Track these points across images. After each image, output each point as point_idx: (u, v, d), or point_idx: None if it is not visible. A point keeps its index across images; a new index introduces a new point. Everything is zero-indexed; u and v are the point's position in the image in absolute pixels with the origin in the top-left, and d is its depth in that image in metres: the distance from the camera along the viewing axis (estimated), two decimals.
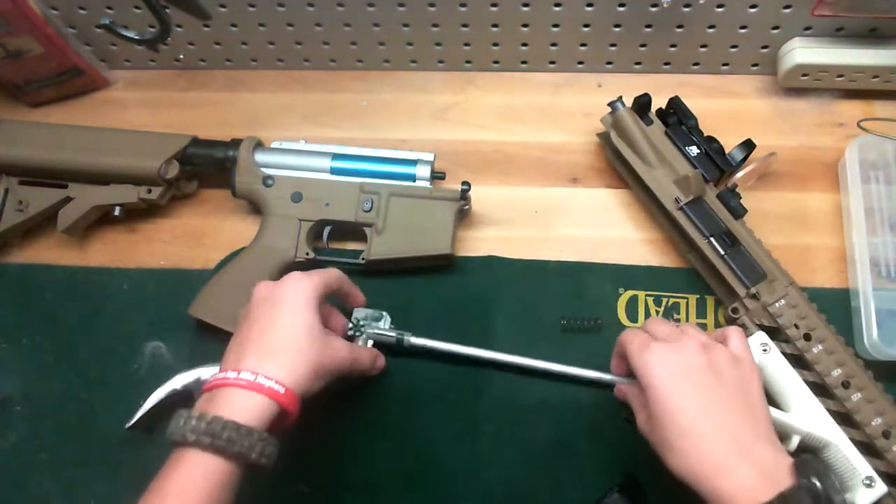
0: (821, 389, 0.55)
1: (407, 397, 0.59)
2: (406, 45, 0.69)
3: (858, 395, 0.54)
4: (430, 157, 0.63)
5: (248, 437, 0.42)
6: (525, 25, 0.66)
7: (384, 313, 0.60)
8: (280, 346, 0.47)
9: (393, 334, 0.58)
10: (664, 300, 0.62)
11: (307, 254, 0.62)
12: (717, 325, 0.61)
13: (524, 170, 0.68)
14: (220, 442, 0.41)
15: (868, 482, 0.51)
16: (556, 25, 0.66)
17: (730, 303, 0.58)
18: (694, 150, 0.61)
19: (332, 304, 0.58)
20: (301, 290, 0.50)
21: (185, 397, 0.56)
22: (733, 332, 0.49)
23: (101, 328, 0.63)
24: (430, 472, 0.57)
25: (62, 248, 0.66)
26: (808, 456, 0.43)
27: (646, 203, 0.64)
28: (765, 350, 0.55)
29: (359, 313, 0.59)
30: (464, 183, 0.62)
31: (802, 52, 0.64)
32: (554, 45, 0.68)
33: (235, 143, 0.64)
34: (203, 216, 0.67)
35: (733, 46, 0.67)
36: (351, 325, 0.58)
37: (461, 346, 0.58)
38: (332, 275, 0.53)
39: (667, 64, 0.70)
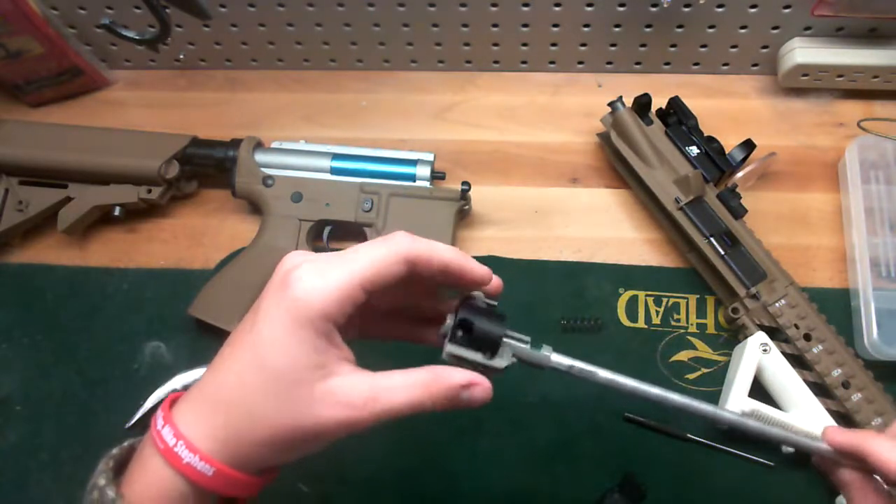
0: (821, 389, 0.55)
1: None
2: (406, 45, 0.69)
3: (858, 395, 0.54)
4: (430, 157, 0.63)
5: None
6: (525, 25, 0.66)
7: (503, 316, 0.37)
8: (228, 394, 0.32)
9: (528, 350, 0.36)
10: (664, 300, 0.62)
11: None
12: (717, 325, 0.61)
13: (524, 170, 0.68)
14: None
15: None
16: (556, 25, 0.66)
17: (730, 303, 0.58)
18: (694, 150, 0.61)
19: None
20: (308, 298, 0.31)
21: None
22: None
23: (101, 328, 0.63)
24: (430, 471, 0.57)
25: (62, 248, 0.66)
26: None
27: (646, 203, 0.64)
28: (765, 350, 0.55)
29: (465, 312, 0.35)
30: (464, 183, 0.62)
31: (802, 52, 0.64)
32: (554, 45, 0.68)
33: (235, 143, 0.64)
34: (203, 216, 0.67)
35: (733, 46, 0.67)
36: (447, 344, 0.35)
37: (630, 380, 0.38)
38: (362, 281, 0.32)
39: (667, 64, 0.70)
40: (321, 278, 0.32)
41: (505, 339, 0.35)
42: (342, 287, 0.32)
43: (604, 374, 0.37)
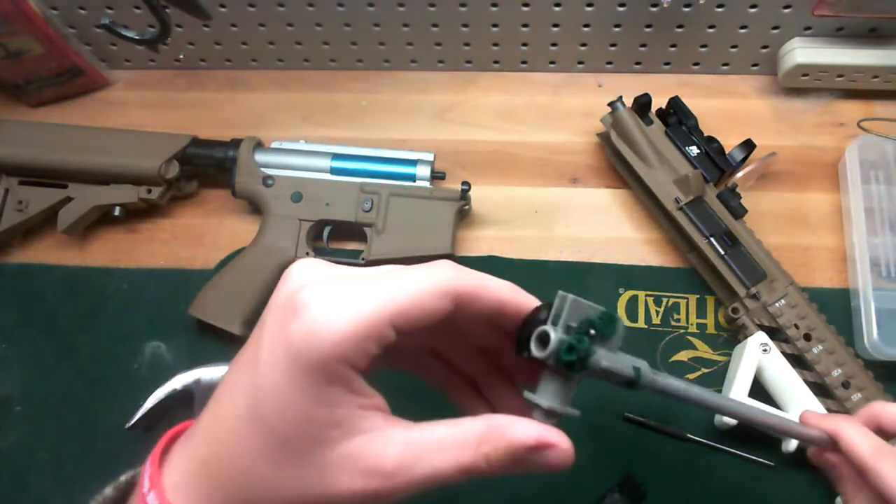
0: (821, 389, 0.55)
1: (406, 397, 0.59)
2: (406, 45, 0.69)
3: (858, 395, 0.54)
4: (430, 157, 0.63)
5: None
6: (525, 25, 0.66)
7: (614, 316, 0.28)
8: (222, 452, 0.26)
9: (628, 367, 0.29)
10: (664, 300, 0.62)
11: (307, 254, 0.62)
12: (717, 325, 0.61)
13: (524, 170, 0.68)
14: None
15: None
16: (556, 25, 0.66)
17: (730, 303, 0.58)
18: (694, 150, 0.61)
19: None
20: (318, 336, 0.24)
21: (185, 397, 0.56)
22: None
23: (101, 328, 0.63)
24: None
25: (62, 248, 0.66)
26: None
27: (646, 203, 0.64)
28: (765, 350, 0.55)
29: (570, 310, 0.27)
30: (464, 183, 0.62)
31: (802, 52, 0.64)
32: (554, 45, 0.68)
33: (235, 143, 0.64)
34: (203, 216, 0.67)
35: (733, 46, 0.67)
36: (562, 347, 0.26)
37: (730, 400, 0.34)
38: (428, 290, 0.26)
39: (667, 64, 0.70)
40: (337, 308, 0.24)
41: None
42: (365, 322, 0.24)
43: (701, 393, 0.31)
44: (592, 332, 0.26)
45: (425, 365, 0.33)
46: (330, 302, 0.24)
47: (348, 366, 0.24)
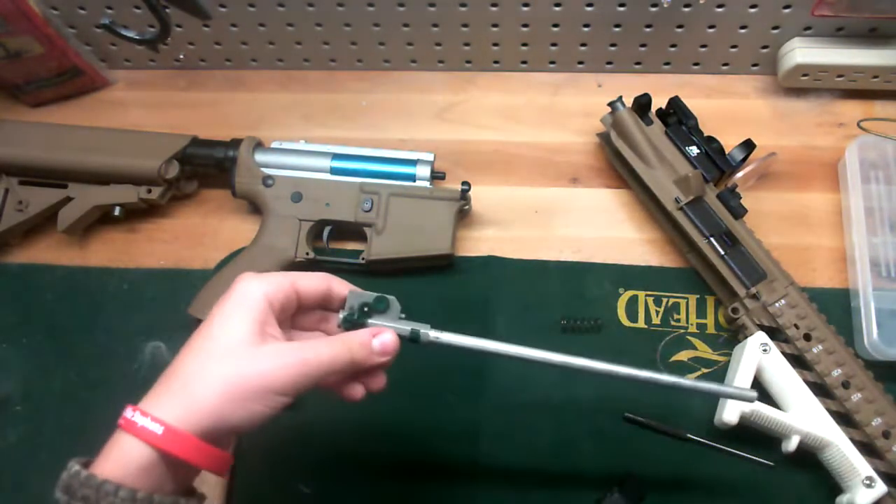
0: (821, 389, 0.55)
1: (407, 397, 0.59)
2: (406, 45, 0.69)
3: (858, 395, 0.54)
4: (430, 157, 0.63)
5: (107, 500, 0.34)
6: (525, 25, 0.66)
7: (390, 298, 0.44)
8: (182, 368, 0.38)
9: (406, 328, 0.43)
10: (664, 300, 0.62)
11: (307, 254, 0.62)
12: (717, 325, 0.61)
13: (524, 170, 0.68)
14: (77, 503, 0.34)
15: (868, 482, 0.51)
16: (556, 25, 0.66)
17: (730, 303, 0.58)
18: (694, 150, 0.61)
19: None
20: (251, 284, 0.40)
21: None
22: None
23: (101, 328, 0.63)
24: (430, 472, 0.57)
25: (62, 248, 0.66)
26: None
27: (646, 203, 0.64)
28: (765, 350, 0.55)
29: (353, 299, 0.44)
30: (464, 183, 0.62)
31: (802, 52, 0.64)
32: (554, 45, 0.68)
33: (235, 143, 0.64)
34: (203, 216, 0.67)
35: (733, 46, 0.67)
36: (343, 317, 0.44)
37: (497, 343, 0.44)
38: (294, 281, 0.42)
39: (667, 64, 0.70)
40: (264, 277, 0.41)
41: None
42: (280, 280, 0.41)
43: (479, 343, 0.44)
44: (365, 308, 0.43)
45: (316, 320, 0.46)
46: (259, 275, 0.41)
47: (270, 305, 0.40)
